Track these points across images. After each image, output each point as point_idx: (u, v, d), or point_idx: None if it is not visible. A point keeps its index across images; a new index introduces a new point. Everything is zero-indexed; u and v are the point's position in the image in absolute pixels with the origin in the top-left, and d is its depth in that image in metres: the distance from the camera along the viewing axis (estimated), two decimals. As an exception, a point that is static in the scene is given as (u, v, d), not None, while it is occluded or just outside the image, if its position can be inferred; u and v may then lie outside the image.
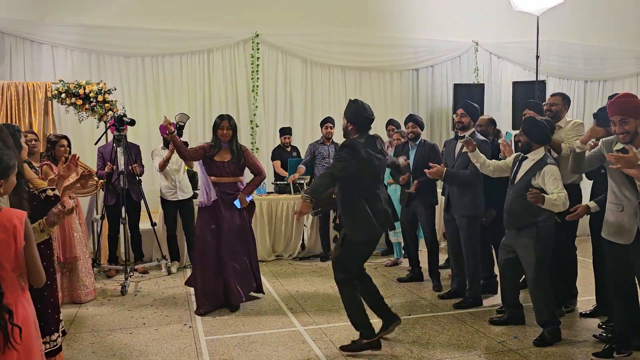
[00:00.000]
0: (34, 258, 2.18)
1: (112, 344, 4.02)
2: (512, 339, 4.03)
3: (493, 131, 5.15)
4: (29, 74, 7.31)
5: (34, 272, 2.20)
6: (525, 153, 4.07)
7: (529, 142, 4.02)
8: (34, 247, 2.19)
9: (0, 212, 2.12)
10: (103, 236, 6.15)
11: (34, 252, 2.19)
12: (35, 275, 2.21)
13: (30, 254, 2.17)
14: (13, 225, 2.10)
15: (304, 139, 8.33)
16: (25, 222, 2.14)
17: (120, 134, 5.68)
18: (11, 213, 2.14)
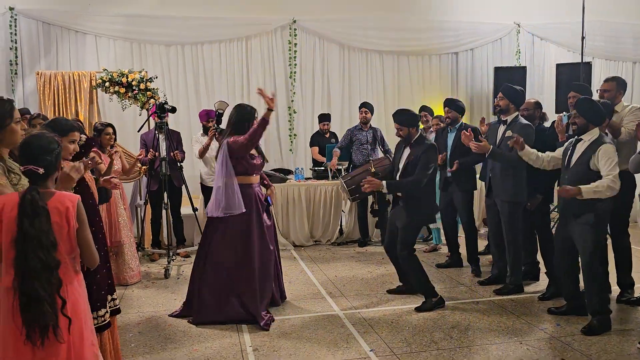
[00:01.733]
0: (87, 240, 2.25)
1: (157, 325, 4.16)
2: (555, 326, 3.97)
3: (539, 115, 5.02)
4: (74, 64, 7.52)
5: (87, 254, 2.27)
6: (579, 135, 3.93)
7: (586, 123, 3.85)
8: (87, 229, 2.25)
9: (54, 196, 2.19)
10: (146, 221, 6.33)
11: (87, 235, 2.25)
12: (88, 257, 2.28)
13: (83, 236, 2.23)
14: (66, 208, 2.16)
15: (341, 124, 8.32)
16: (77, 205, 2.21)
17: (162, 121, 5.80)
18: (64, 197, 2.21)
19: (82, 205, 2.24)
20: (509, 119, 4.68)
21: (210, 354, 3.60)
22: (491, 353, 3.54)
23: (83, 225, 2.23)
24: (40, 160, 2.17)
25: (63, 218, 2.16)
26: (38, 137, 2.24)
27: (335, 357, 3.51)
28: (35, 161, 2.16)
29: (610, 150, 3.74)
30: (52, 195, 2.19)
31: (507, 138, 4.59)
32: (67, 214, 2.17)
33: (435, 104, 7.71)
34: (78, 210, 2.21)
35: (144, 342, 3.81)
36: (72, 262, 2.25)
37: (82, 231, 2.23)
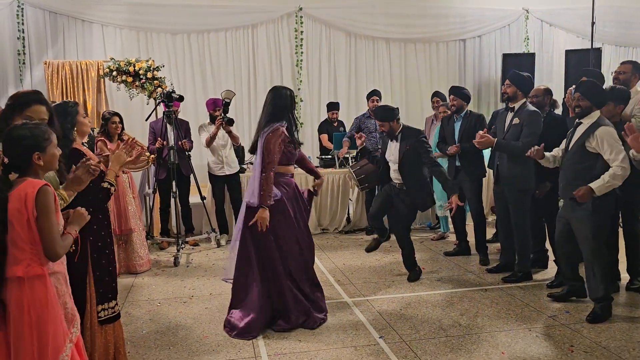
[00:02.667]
0: (45, 230, 2.14)
1: (168, 312, 4.19)
2: (563, 314, 3.97)
3: (550, 101, 4.99)
4: (81, 53, 7.53)
5: (47, 244, 2.15)
6: (581, 118, 3.90)
7: (590, 106, 3.83)
8: (47, 219, 2.14)
9: (21, 184, 2.16)
10: (155, 209, 6.36)
11: (47, 225, 2.14)
12: (48, 248, 2.16)
13: (41, 225, 2.14)
14: (25, 194, 2.12)
15: (348, 112, 8.31)
16: (39, 192, 2.13)
17: (170, 110, 5.81)
18: (28, 184, 2.16)
19: (47, 194, 2.16)
20: (516, 106, 4.66)
21: (220, 341, 3.63)
22: (500, 340, 3.55)
23: (43, 214, 2.13)
24: (7, 151, 2.17)
25: (22, 204, 2.12)
26: (13, 127, 2.24)
27: (345, 344, 3.53)
28: (4, 151, 2.18)
29: (609, 132, 3.70)
30: (20, 184, 2.16)
31: (515, 126, 4.57)
32: (26, 200, 2.11)
33: (443, 91, 7.66)
34: (38, 198, 2.12)
35: (155, 329, 3.85)
36: (37, 254, 2.16)
37: (41, 219, 2.13)
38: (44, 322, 2.13)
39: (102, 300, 3.02)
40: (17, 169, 2.20)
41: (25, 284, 2.12)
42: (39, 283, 2.15)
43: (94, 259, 2.99)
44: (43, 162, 2.21)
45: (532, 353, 3.35)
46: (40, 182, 2.17)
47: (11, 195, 2.13)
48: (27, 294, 2.12)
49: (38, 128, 2.23)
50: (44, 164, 2.22)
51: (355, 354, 3.39)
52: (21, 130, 2.20)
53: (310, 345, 3.54)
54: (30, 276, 2.13)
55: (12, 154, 2.18)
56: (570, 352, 3.35)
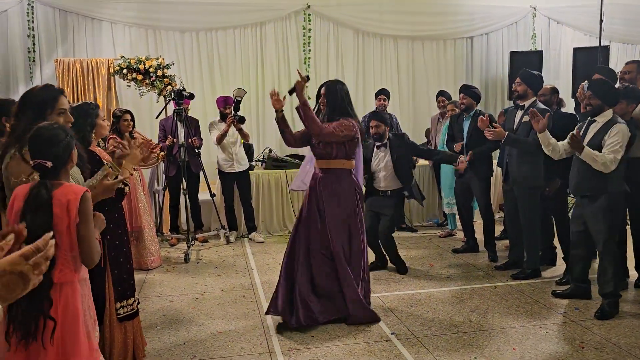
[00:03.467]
0: (85, 237, 2.12)
1: (180, 308, 4.24)
2: (573, 310, 4.00)
3: (556, 100, 5.01)
4: (90, 51, 7.57)
5: (86, 251, 2.13)
6: (593, 117, 3.93)
7: (601, 105, 3.86)
8: (88, 226, 2.13)
9: (60, 188, 2.11)
10: (165, 206, 6.41)
11: (88, 231, 2.13)
12: (85, 254, 2.14)
13: (82, 232, 2.11)
14: (67, 200, 2.08)
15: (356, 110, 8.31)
16: (82, 199, 2.10)
17: (180, 107, 5.85)
18: (69, 189, 2.12)
19: (89, 201, 2.14)
20: (526, 104, 4.68)
21: (234, 336, 3.67)
22: (511, 336, 3.58)
23: (84, 221, 2.11)
24: (47, 154, 2.09)
25: (64, 210, 2.08)
26: (45, 128, 2.15)
27: (357, 340, 3.57)
28: (43, 154, 2.09)
29: (623, 129, 3.75)
30: (59, 187, 2.12)
31: (525, 124, 4.59)
32: (69, 206, 2.08)
33: (450, 89, 7.68)
34: (81, 204, 2.10)
35: (169, 325, 3.90)
36: (72, 260, 2.13)
37: (82, 226, 2.11)
38: (74, 328, 2.10)
39: (121, 298, 3.07)
40: (55, 172, 2.12)
41: (57, 289, 2.09)
42: (70, 289, 2.12)
43: (111, 257, 3.04)
44: (73, 162, 2.21)
45: (543, 349, 3.38)
46: (82, 189, 2.14)
47: (53, 202, 2.08)
48: (57, 299, 2.08)
49: (64, 127, 2.21)
50: (73, 164, 2.22)
51: (368, 349, 3.43)
52: (55, 130, 2.13)
53: (323, 340, 3.58)
54: (62, 282, 2.10)
55: (53, 156, 2.10)
56: (581, 348, 3.39)
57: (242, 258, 5.68)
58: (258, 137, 8.14)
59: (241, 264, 5.47)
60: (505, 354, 3.33)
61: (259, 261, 5.54)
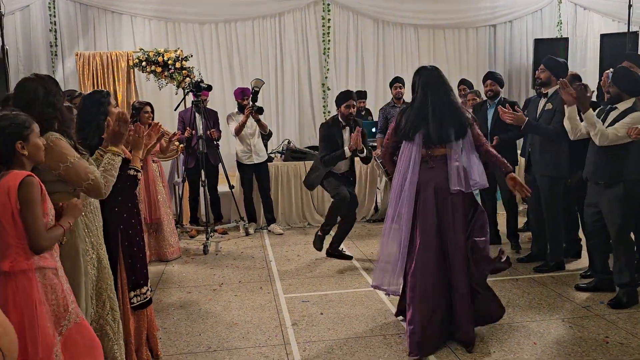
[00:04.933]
0: (29, 224, 2.05)
1: (198, 299, 4.25)
2: (598, 304, 3.88)
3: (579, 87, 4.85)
4: (111, 44, 7.62)
5: (31, 238, 2.07)
6: (613, 104, 3.84)
7: (619, 92, 3.79)
8: (30, 211, 2.06)
9: (6, 176, 2.08)
10: (184, 198, 6.44)
11: (31, 217, 2.05)
12: (31, 242, 2.07)
13: (26, 219, 2.05)
14: (8, 187, 2.04)
15: (376, 101, 8.24)
16: (20, 184, 2.04)
17: (199, 99, 5.85)
18: (12, 175, 2.08)
19: (31, 185, 2.07)
20: (549, 91, 4.55)
21: (250, 328, 3.66)
22: (532, 330, 3.49)
23: (26, 207, 2.05)
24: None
25: (6, 197, 2.03)
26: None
27: (374, 333, 3.53)
28: None
29: (637, 119, 3.65)
30: (6, 175, 2.08)
31: (547, 111, 4.47)
32: (9, 193, 2.03)
33: (472, 78, 7.53)
34: (21, 190, 2.04)
35: (186, 316, 3.91)
36: (22, 247, 2.07)
37: (23, 212, 2.04)
38: (30, 318, 2.04)
39: (135, 287, 3.07)
40: (2, 161, 2.11)
41: (12, 279, 2.05)
42: (23, 278, 2.06)
43: (125, 247, 3.03)
44: (27, 152, 2.13)
45: (566, 344, 3.29)
46: (23, 173, 2.08)
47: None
48: (12, 289, 2.04)
49: (19, 117, 2.15)
50: (29, 154, 2.14)
51: (385, 342, 3.38)
52: (3, 121, 2.11)
53: (340, 333, 3.54)
54: (15, 271, 2.05)
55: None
56: (605, 343, 3.28)
57: (260, 250, 5.68)
58: (277, 129, 8.10)
59: (259, 255, 5.47)
60: (525, 348, 3.24)
61: (277, 253, 5.52)
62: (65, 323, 2.18)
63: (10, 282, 2.05)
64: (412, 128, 3.29)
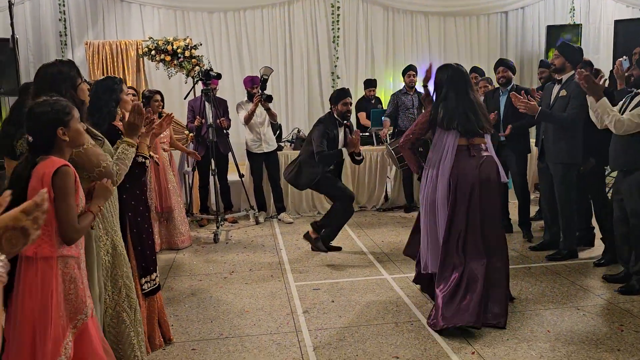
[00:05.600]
0: (61, 214, 2.04)
1: (209, 287, 4.26)
2: (612, 292, 3.84)
3: (591, 72, 4.77)
4: (120, 33, 7.62)
5: (62, 229, 2.05)
6: (638, 88, 3.75)
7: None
8: (64, 201, 2.04)
9: (43, 162, 2.06)
10: (194, 187, 6.44)
11: (64, 207, 2.04)
12: (62, 231, 2.06)
13: (58, 209, 2.04)
14: (43, 174, 2.02)
15: (385, 89, 8.19)
16: (55, 173, 2.02)
17: (208, 87, 5.83)
18: (48, 162, 2.05)
19: (66, 175, 2.04)
20: (564, 78, 4.48)
21: (261, 315, 3.66)
22: (545, 318, 3.46)
23: (58, 196, 2.03)
24: (28, 128, 2.09)
25: (39, 183, 2.01)
26: (34, 103, 2.13)
27: (385, 319, 3.51)
28: (27, 128, 2.09)
29: None
30: (44, 161, 2.06)
31: (561, 98, 4.40)
32: (43, 179, 2.01)
33: (483, 66, 7.46)
34: (54, 179, 2.02)
35: (197, 303, 3.92)
36: (49, 235, 2.05)
37: (56, 202, 2.03)
38: (43, 307, 2.01)
39: (145, 274, 3.08)
40: (42, 147, 2.10)
41: (33, 265, 2.02)
42: (45, 265, 2.04)
43: (133, 234, 3.03)
44: (69, 138, 2.12)
45: (580, 332, 3.26)
46: (60, 162, 2.06)
47: (32, 174, 2.04)
48: (31, 275, 2.02)
49: (59, 103, 2.14)
50: (70, 140, 2.13)
51: (397, 329, 3.37)
52: (42, 107, 2.10)
53: (351, 320, 3.53)
54: (38, 257, 2.03)
55: (35, 132, 2.09)
56: (620, 331, 3.24)
57: (270, 238, 5.68)
58: (287, 118, 8.09)
59: (270, 244, 5.47)
60: (539, 336, 3.21)
61: (287, 241, 5.52)
62: (81, 317, 2.16)
63: (31, 267, 2.02)
64: (451, 118, 3.43)
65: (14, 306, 2.01)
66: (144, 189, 3.19)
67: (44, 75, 2.45)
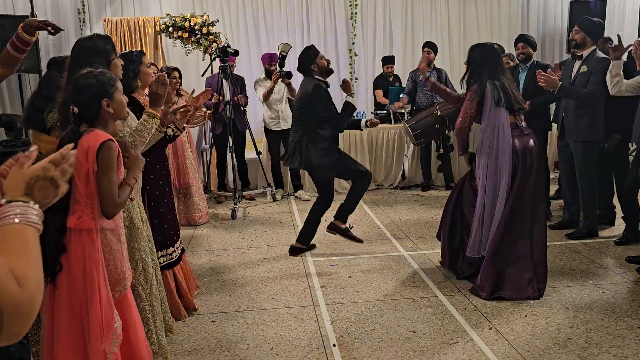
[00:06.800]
0: (104, 188, 2.06)
1: (227, 262, 4.30)
2: (632, 271, 3.80)
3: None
4: (137, 10, 7.60)
5: (104, 202, 2.07)
6: None
7: None
8: (107, 175, 2.07)
9: (87, 134, 2.09)
10: (212, 164, 6.47)
11: (106, 181, 2.07)
12: (103, 205, 2.08)
13: (101, 183, 2.06)
14: (87, 147, 2.05)
15: (404, 66, 8.08)
16: (101, 147, 2.05)
17: (226, 64, 5.81)
18: (93, 135, 2.08)
19: (110, 149, 2.07)
20: (584, 53, 4.38)
21: (279, 289, 3.70)
22: (564, 295, 3.45)
23: (102, 170, 2.05)
24: (75, 101, 2.10)
25: (84, 156, 2.03)
26: (80, 75, 2.14)
27: (403, 295, 3.53)
28: (73, 101, 2.10)
29: None
30: (88, 133, 2.10)
31: (582, 74, 4.32)
32: (88, 153, 2.04)
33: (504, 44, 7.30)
34: (100, 152, 2.04)
35: (216, 278, 3.96)
36: (91, 207, 2.07)
37: (100, 176, 2.06)
38: (91, 276, 2.05)
39: (162, 247, 3.12)
40: (87, 119, 2.12)
41: (74, 236, 2.05)
42: (87, 237, 2.06)
43: (151, 207, 3.06)
44: (112, 110, 2.14)
45: (599, 309, 3.24)
46: (105, 136, 2.08)
47: (77, 146, 2.04)
48: (74, 246, 2.05)
49: (104, 75, 2.16)
50: (114, 112, 2.15)
51: (414, 305, 3.38)
52: (88, 79, 2.12)
53: (368, 295, 3.55)
54: (79, 229, 2.05)
55: (81, 104, 2.10)
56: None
57: (287, 215, 5.70)
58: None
59: (287, 220, 5.49)
60: (557, 313, 3.20)
61: (304, 218, 5.50)
62: (119, 289, 2.21)
63: (73, 238, 2.06)
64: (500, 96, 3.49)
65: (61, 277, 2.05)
66: (165, 164, 3.21)
67: (79, 47, 2.49)
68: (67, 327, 2.04)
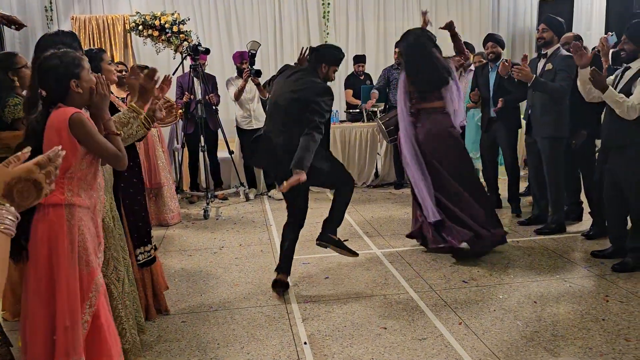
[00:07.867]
0: (99, 150, 2.10)
1: (199, 262, 4.26)
2: (599, 264, 3.88)
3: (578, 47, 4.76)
4: (107, 8, 7.49)
5: (110, 162, 2.17)
6: (628, 63, 3.70)
7: (635, 49, 3.62)
8: (91, 140, 2.07)
9: (56, 111, 2.06)
10: (184, 164, 6.40)
11: (98, 146, 2.09)
12: (109, 160, 2.15)
13: (93, 148, 2.09)
14: (58, 127, 2.04)
15: (376, 65, 8.12)
16: (70, 124, 2.03)
17: (197, 63, 5.75)
18: (61, 111, 2.06)
19: (81, 121, 2.04)
20: (549, 51, 4.46)
21: (251, 289, 3.68)
22: (532, 290, 3.50)
23: (85, 140, 2.06)
24: (42, 83, 2.09)
25: (54, 133, 2.03)
26: (44, 57, 2.10)
27: (374, 293, 3.54)
28: (40, 83, 2.09)
29: None
30: (54, 110, 2.07)
31: (548, 72, 4.39)
32: (60, 131, 2.03)
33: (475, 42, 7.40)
34: (74, 128, 2.03)
35: (188, 278, 3.92)
36: (62, 182, 2.06)
37: (85, 144, 2.07)
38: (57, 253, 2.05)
39: (139, 244, 3.08)
40: (56, 100, 2.08)
41: (42, 210, 2.05)
42: (53, 212, 2.06)
43: (126, 205, 3.02)
44: (82, 90, 2.10)
45: (566, 303, 3.30)
46: (70, 111, 2.05)
47: (47, 126, 2.05)
48: (41, 222, 2.05)
49: (67, 55, 2.10)
50: (83, 92, 2.11)
51: (385, 301, 3.40)
52: (51, 60, 2.08)
53: (340, 293, 3.55)
54: (47, 203, 2.04)
55: (48, 86, 2.07)
56: (605, 301, 3.29)
57: (261, 214, 5.67)
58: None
59: (260, 220, 5.47)
60: (525, 307, 3.25)
61: (277, 217, 5.51)
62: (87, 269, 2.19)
63: (40, 213, 2.05)
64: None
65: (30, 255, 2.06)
66: (137, 160, 3.17)
67: (45, 44, 2.42)
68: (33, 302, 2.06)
